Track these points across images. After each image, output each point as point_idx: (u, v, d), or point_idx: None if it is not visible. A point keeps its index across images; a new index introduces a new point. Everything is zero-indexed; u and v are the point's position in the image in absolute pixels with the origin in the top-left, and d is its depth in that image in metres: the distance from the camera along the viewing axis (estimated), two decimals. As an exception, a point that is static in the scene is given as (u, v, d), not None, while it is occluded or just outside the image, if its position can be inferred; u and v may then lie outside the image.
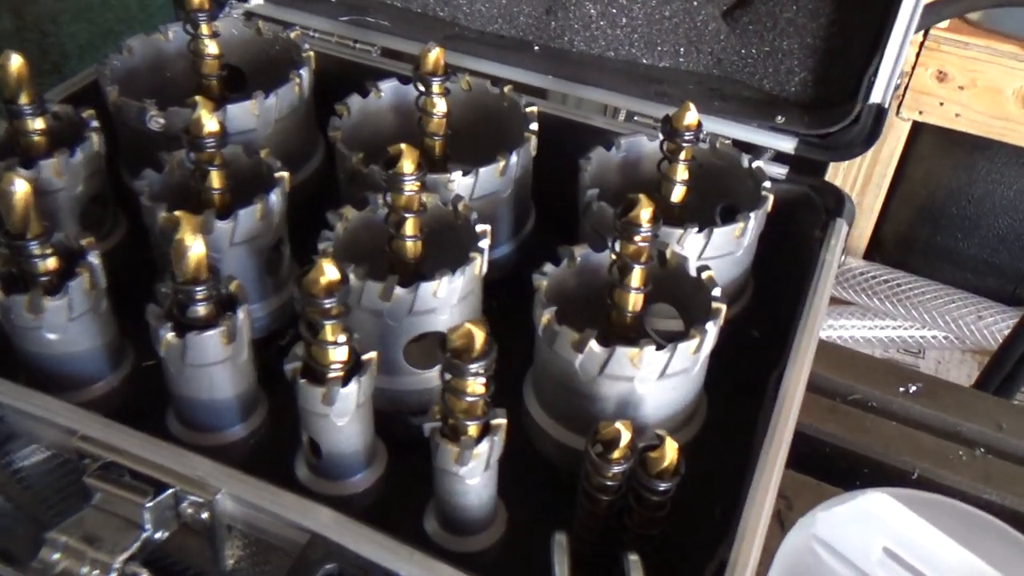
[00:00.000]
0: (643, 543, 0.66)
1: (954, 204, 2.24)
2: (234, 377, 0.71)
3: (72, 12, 1.31)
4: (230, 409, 0.72)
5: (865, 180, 2.21)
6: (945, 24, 1.94)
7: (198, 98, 0.78)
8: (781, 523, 0.90)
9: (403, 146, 0.72)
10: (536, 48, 1.09)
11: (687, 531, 0.70)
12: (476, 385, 0.60)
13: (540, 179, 0.96)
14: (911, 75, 2.02)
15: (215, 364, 0.69)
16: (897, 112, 2.07)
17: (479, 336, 0.58)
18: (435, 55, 0.87)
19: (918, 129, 2.15)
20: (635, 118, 1.03)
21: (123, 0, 1.40)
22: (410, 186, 0.72)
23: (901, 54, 0.90)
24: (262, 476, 0.64)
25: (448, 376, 0.60)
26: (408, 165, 0.72)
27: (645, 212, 0.68)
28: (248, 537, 0.64)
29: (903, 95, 2.03)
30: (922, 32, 1.93)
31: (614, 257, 0.73)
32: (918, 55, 1.99)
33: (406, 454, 0.76)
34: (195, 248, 0.65)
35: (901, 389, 1.12)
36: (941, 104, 2.05)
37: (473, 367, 0.58)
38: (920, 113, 2.08)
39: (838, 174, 2.13)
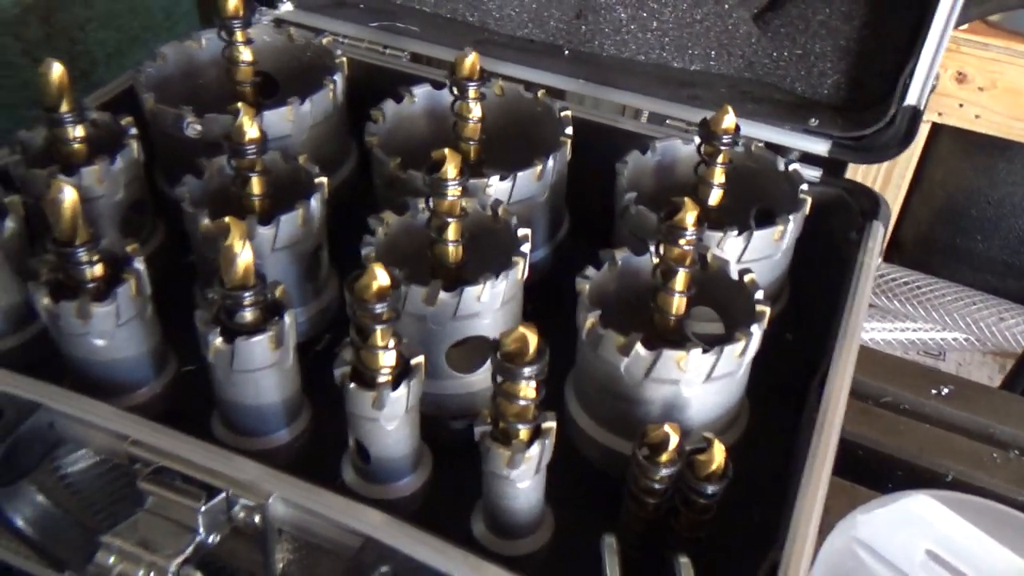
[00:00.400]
0: (689, 545, 0.66)
1: (974, 206, 2.23)
2: (281, 382, 0.71)
3: (100, 20, 1.32)
4: (276, 414, 0.73)
5: (884, 182, 2.21)
6: (965, 25, 1.94)
7: (240, 105, 0.78)
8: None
9: (446, 151, 0.72)
10: (566, 52, 1.10)
11: (729, 534, 0.70)
12: (528, 389, 0.60)
13: (572, 183, 0.96)
14: (932, 77, 2.01)
15: (262, 369, 0.69)
16: (916, 114, 2.06)
17: (532, 340, 0.58)
18: (471, 60, 0.87)
19: (937, 131, 2.14)
20: (667, 122, 1.03)
21: (149, 8, 1.41)
22: (453, 191, 0.73)
23: (937, 55, 0.90)
24: (309, 480, 0.64)
25: (500, 379, 0.60)
26: (451, 170, 0.72)
27: (690, 216, 0.68)
28: (298, 541, 0.65)
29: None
30: (942, 34, 1.92)
31: (657, 260, 0.73)
32: (937, 56, 1.98)
33: (448, 458, 0.76)
34: (244, 254, 0.66)
35: (933, 391, 1.11)
36: (961, 106, 2.04)
37: (526, 371, 0.58)
38: (940, 115, 2.07)
39: (856, 177, 2.12)
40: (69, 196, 0.67)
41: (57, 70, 0.80)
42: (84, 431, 0.67)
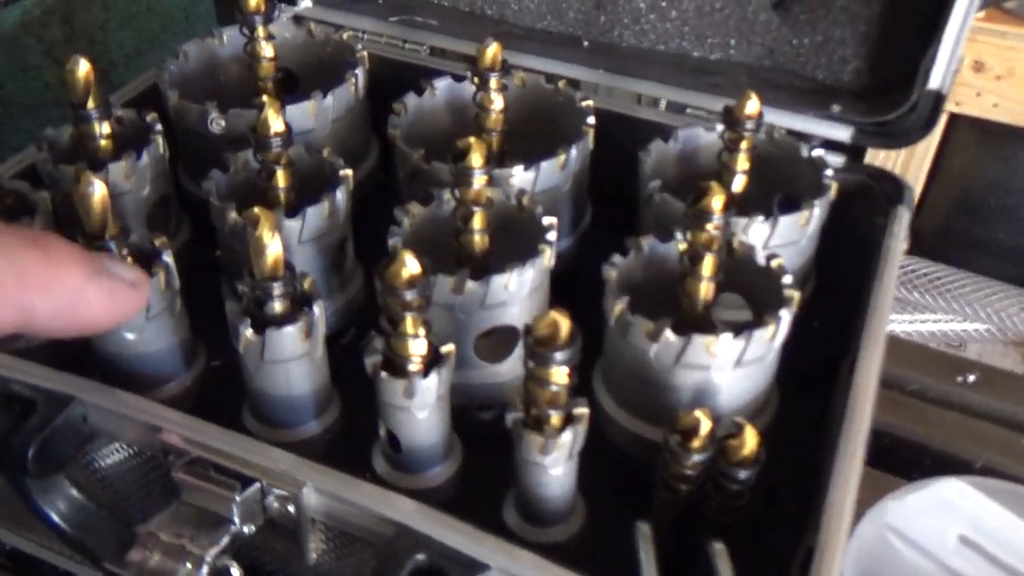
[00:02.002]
0: (722, 532, 0.66)
1: (993, 195, 2.21)
2: (311, 373, 0.71)
3: (119, 20, 1.33)
4: (306, 405, 0.73)
5: (902, 173, 2.17)
6: (982, 13, 1.93)
7: (265, 98, 0.78)
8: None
9: (471, 140, 0.73)
10: (585, 43, 1.10)
11: (760, 520, 0.70)
12: (560, 374, 0.60)
13: (594, 173, 0.96)
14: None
15: (293, 360, 0.69)
16: (934, 103, 2.05)
17: (564, 325, 0.58)
18: (492, 51, 0.88)
19: (955, 120, 2.13)
20: (687, 110, 1.03)
21: (167, 9, 1.41)
22: (479, 179, 0.73)
23: (960, 38, 0.89)
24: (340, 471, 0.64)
25: (531, 365, 0.60)
26: (477, 159, 0.72)
27: (717, 200, 0.68)
28: (332, 530, 0.65)
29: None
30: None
31: (684, 246, 0.73)
32: (955, 45, 1.97)
33: (477, 448, 0.77)
34: (273, 245, 0.66)
35: (959, 379, 1.11)
36: (978, 94, 2.03)
37: (558, 356, 0.58)
38: (957, 104, 2.06)
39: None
40: (99, 190, 0.68)
41: (84, 67, 0.80)
42: (117, 424, 0.68)
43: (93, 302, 0.57)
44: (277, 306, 0.68)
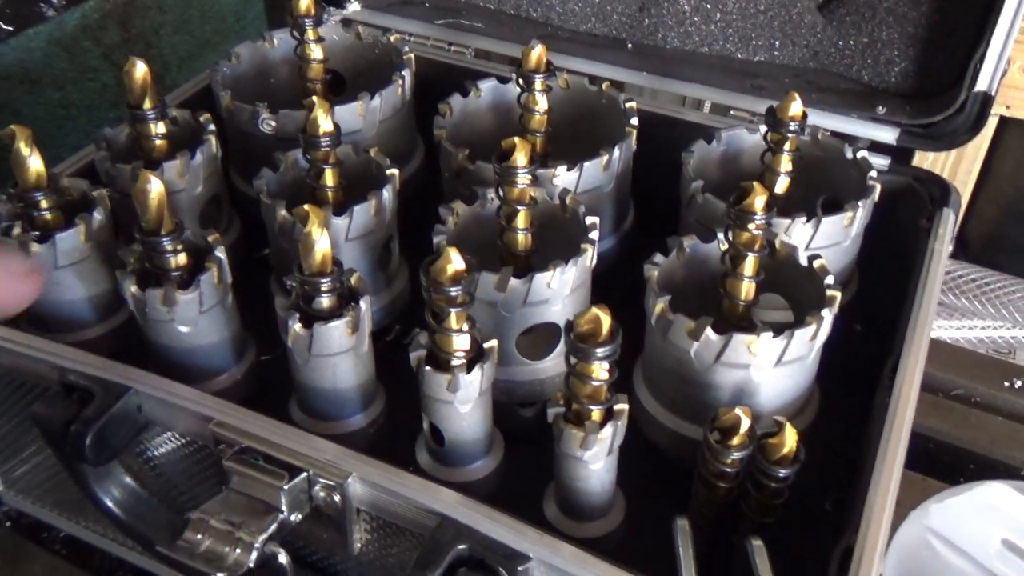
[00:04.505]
0: (760, 529, 0.67)
1: (1043, 201, 2.17)
2: (356, 367, 0.73)
3: (173, 24, 1.36)
4: (352, 398, 0.75)
5: (950, 177, 2.16)
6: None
7: (315, 99, 0.80)
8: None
9: (516, 140, 0.74)
10: (629, 46, 1.10)
11: (798, 518, 0.70)
12: (601, 370, 0.61)
13: (636, 174, 0.96)
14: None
15: (340, 354, 0.71)
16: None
17: (605, 322, 0.59)
18: (538, 52, 0.89)
19: (1005, 124, 2.09)
20: (730, 112, 1.03)
21: (220, 12, 1.45)
22: (523, 179, 0.74)
23: (1009, 39, 0.88)
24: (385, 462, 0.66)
25: (573, 361, 0.61)
26: (521, 158, 0.73)
27: (759, 200, 0.69)
28: (376, 521, 0.66)
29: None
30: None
31: (726, 246, 0.73)
32: (1005, 47, 1.94)
33: (518, 444, 0.78)
34: (322, 242, 0.68)
35: (1005, 384, 1.09)
36: (1030, 97, 1.99)
37: (599, 352, 0.59)
38: (1007, 108, 2.02)
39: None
40: (156, 187, 0.70)
41: (141, 69, 0.83)
42: (170, 414, 0.70)
43: None
44: (325, 301, 0.70)
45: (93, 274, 0.80)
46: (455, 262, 0.63)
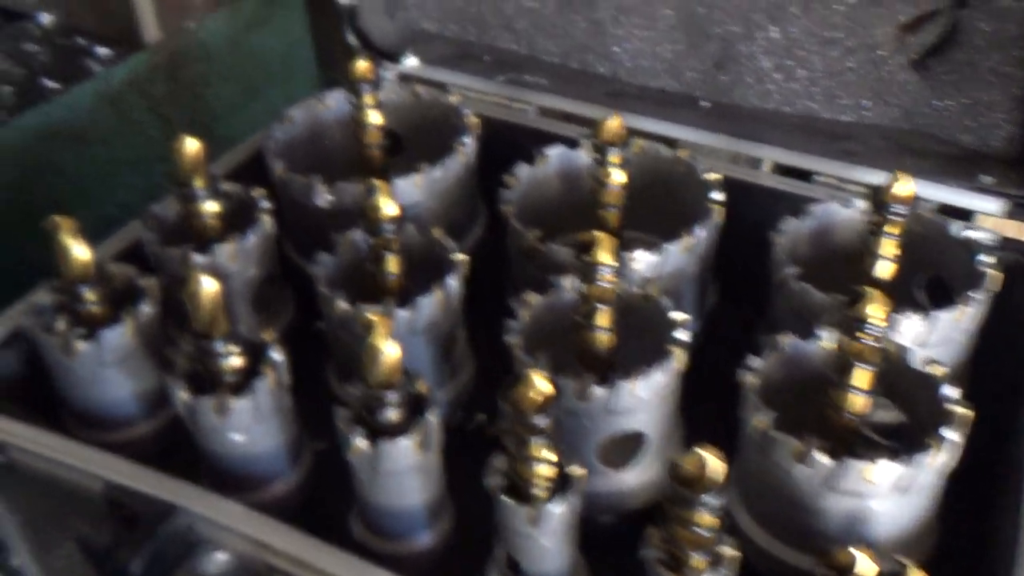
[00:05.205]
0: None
1: None
2: (425, 483, 0.67)
3: (220, 74, 1.32)
4: (419, 516, 0.69)
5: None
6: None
7: (376, 181, 0.75)
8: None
9: (600, 234, 0.67)
10: (703, 104, 1.04)
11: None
12: (706, 518, 0.54)
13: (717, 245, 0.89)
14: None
15: (407, 472, 0.65)
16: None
17: (713, 465, 0.52)
18: (615, 124, 0.82)
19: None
20: (816, 178, 0.96)
21: (267, 58, 1.40)
22: (607, 277, 0.67)
23: None
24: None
25: (673, 505, 0.54)
26: (606, 256, 0.67)
27: (877, 310, 0.61)
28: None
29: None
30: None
31: (830, 346, 0.66)
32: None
33: (595, 553, 0.71)
34: (389, 351, 0.62)
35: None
36: None
37: (706, 499, 0.52)
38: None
39: None
40: (210, 287, 0.64)
41: (193, 146, 0.78)
42: (222, 534, 0.64)
43: None
44: (391, 415, 0.64)
45: (140, 370, 0.75)
46: (539, 387, 0.56)
